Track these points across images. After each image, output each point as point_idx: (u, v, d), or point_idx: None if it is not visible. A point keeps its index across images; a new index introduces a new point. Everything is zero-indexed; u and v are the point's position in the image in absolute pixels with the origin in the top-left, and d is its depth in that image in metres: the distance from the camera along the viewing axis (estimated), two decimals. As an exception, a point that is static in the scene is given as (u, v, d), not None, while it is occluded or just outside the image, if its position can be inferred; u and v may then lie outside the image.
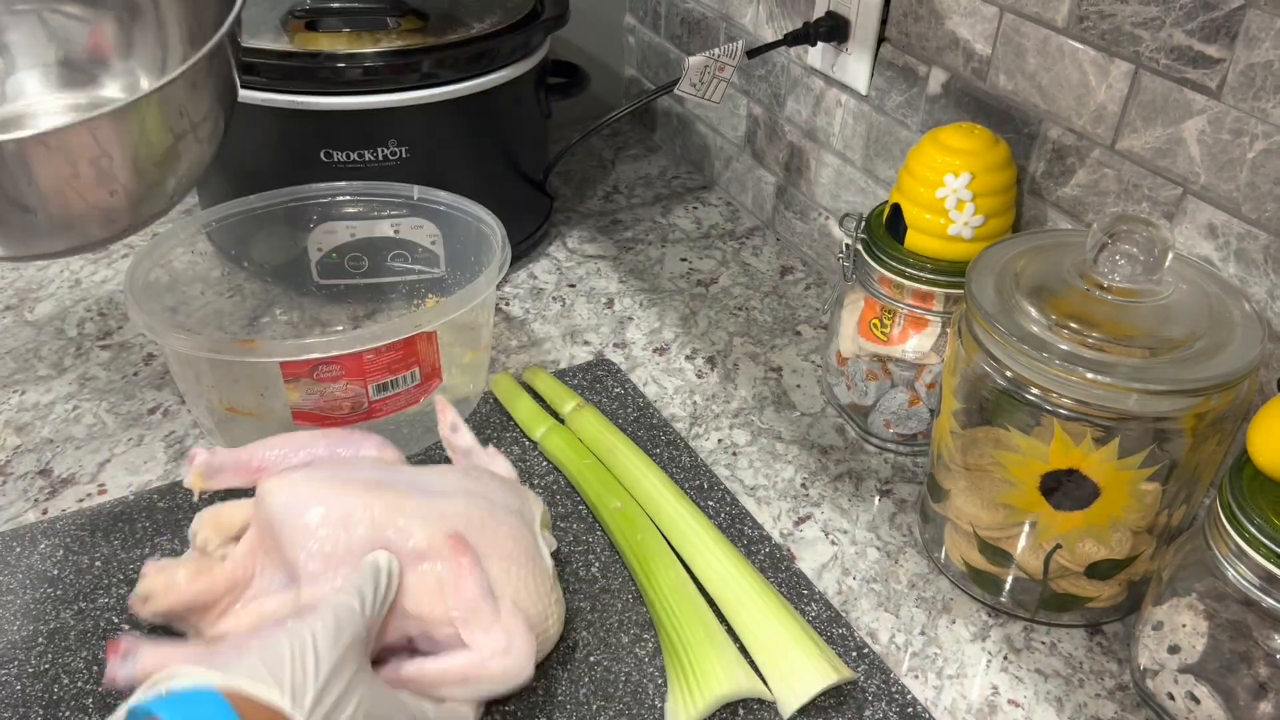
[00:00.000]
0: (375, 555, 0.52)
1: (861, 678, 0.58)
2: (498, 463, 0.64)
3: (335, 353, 0.63)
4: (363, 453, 0.60)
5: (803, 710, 0.55)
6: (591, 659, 0.58)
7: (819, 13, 0.84)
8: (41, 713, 0.55)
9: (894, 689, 0.57)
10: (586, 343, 0.85)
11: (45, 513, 0.67)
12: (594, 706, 0.56)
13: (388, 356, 0.65)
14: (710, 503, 0.69)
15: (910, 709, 0.56)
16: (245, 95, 0.80)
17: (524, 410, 0.75)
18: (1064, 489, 0.56)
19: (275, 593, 0.54)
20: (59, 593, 0.61)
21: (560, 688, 0.57)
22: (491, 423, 0.75)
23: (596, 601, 0.62)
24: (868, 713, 0.56)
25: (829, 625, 0.61)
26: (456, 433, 0.65)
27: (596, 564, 0.64)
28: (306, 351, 0.62)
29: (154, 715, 0.39)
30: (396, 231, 0.79)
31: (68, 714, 0.55)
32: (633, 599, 0.62)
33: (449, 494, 0.56)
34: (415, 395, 0.69)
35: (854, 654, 0.59)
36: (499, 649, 0.51)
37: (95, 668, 0.57)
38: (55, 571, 0.62)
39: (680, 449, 0.73)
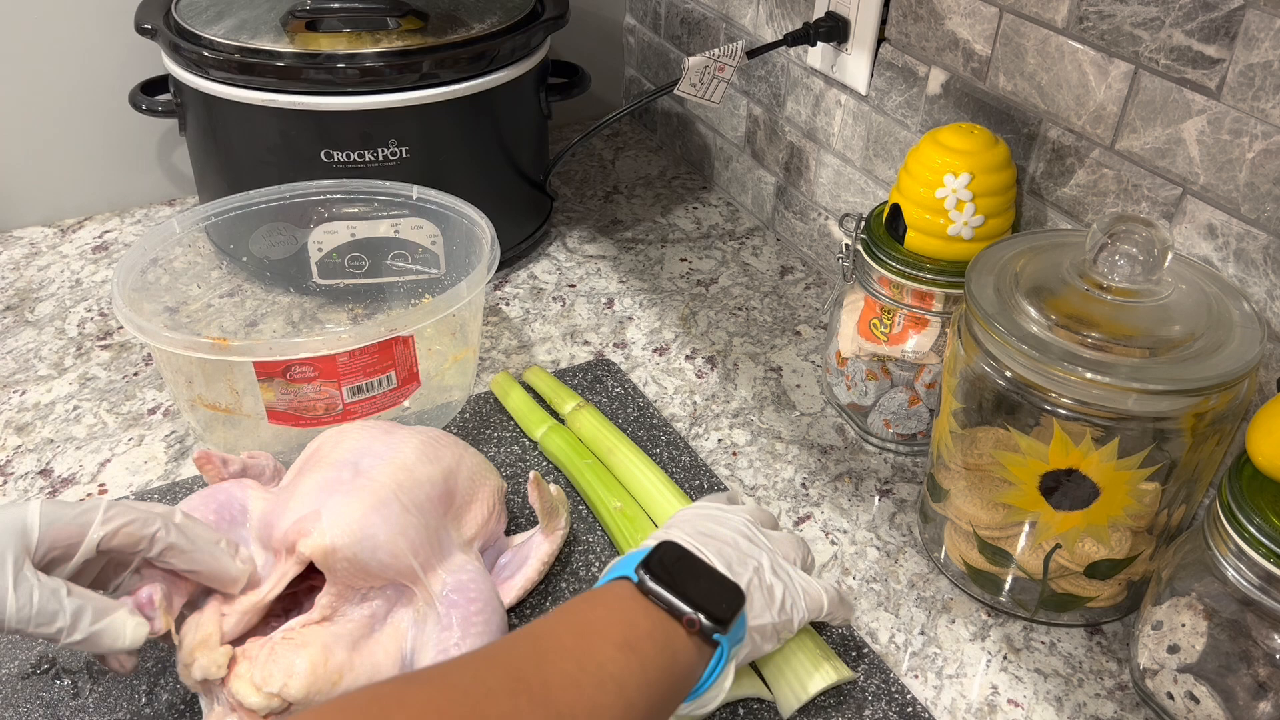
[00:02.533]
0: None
1: (861, 677, 0.58)
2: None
3: (306, 354, 0.62)
4: (249, 494, 0.57)
5: (803, 710, 0.55)
6: (591, 659, 0.58)
7: (819, 13, 0.84)
8: (41, 713, 0.55)
9: (894, 689, 0.57)
10: (586, 343, 0.85)
11: (45, 513, 0.67)
12: (594, 706, 0.56)
13: (362, 359, 0.64)
14: (710, 503, 0.69)
15: (910, 709, 0.56)
16: (245, 95, 0.80)
17: (524, 410, 0.75)
18: (1064, 489, 0.56)
19: (387, 614, 0.54)
20: (59, 592, 0.61)
21: (560, 687, 0.57)
22: (491, 422, 0.75)
23: (596, 601, 0.62)
24: (867, 712, 0.56)
25: (829, 625, 0.61)
26: (227, 465, 0.60)
27: (596, 564, 0.64)
28: (280, 352, 0.62)
29: None
30: (396, 231, 0.79)
31: (68, 714, 0.55)
32: (633, 599, 0.62)
33: (413, 446, 0.59)
34: (392, 398, 0.68)
35: (854, 654, 0.59)
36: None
37: (95, 667, 0.57)
38: (55, 571, 0.62)
39: (680, 449, 0.73)
